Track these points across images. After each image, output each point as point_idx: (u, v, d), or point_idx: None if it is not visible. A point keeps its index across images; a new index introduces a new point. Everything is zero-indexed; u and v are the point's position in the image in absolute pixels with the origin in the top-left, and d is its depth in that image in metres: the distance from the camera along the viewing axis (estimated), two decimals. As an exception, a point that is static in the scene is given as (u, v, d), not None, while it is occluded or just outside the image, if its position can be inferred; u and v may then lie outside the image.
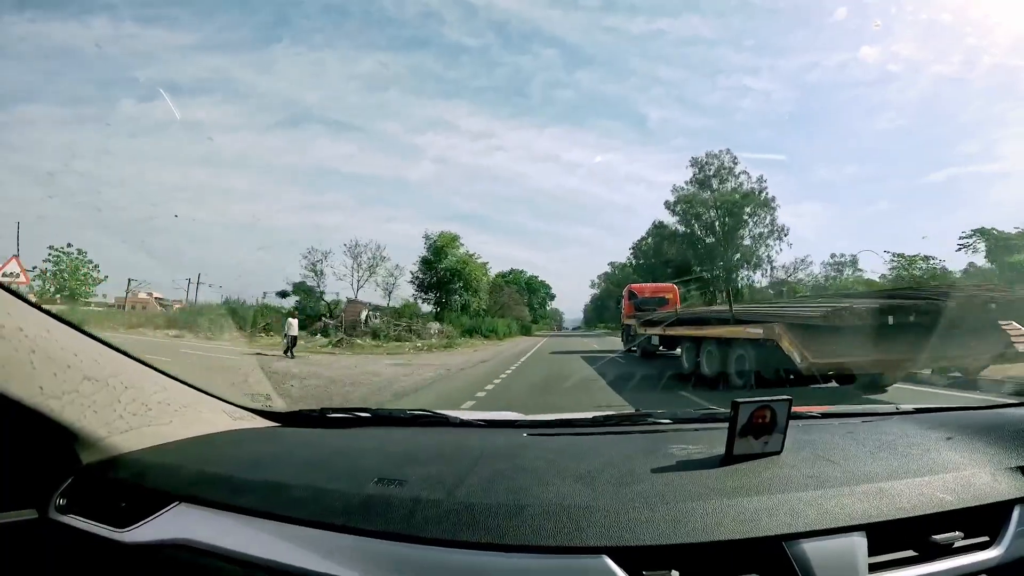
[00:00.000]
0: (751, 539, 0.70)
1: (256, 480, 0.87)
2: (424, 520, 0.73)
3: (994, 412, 1.32)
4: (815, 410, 1.36)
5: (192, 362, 10.37)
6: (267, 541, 0.76)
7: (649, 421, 1.24)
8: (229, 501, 0.83)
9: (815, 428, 1.19)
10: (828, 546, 0.71)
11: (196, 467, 0.93)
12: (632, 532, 0.70)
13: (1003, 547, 0.79)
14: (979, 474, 0.88)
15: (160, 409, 1.05)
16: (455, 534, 0.71)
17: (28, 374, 0.80)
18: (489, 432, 1.23)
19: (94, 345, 0.95)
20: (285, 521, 0.77)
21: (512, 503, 0.75)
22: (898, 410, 1.37)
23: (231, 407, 1.26)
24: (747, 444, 0.89)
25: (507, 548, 0.69)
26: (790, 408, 0.89)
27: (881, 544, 0.74)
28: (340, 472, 0.91)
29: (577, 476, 0.84)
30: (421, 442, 1.15)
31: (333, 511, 0.77)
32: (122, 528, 0.85)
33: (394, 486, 0.82)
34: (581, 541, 0.69)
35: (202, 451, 1.04)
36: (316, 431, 1.27)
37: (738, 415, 0.87)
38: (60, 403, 0.84)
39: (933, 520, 0.78)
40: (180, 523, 0.82)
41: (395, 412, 1.41)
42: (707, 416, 1.28)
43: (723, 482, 0.81)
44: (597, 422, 1.25)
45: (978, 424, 1.11)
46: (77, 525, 0.87)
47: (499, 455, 0.97)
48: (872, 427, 1.19)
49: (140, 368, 1.04)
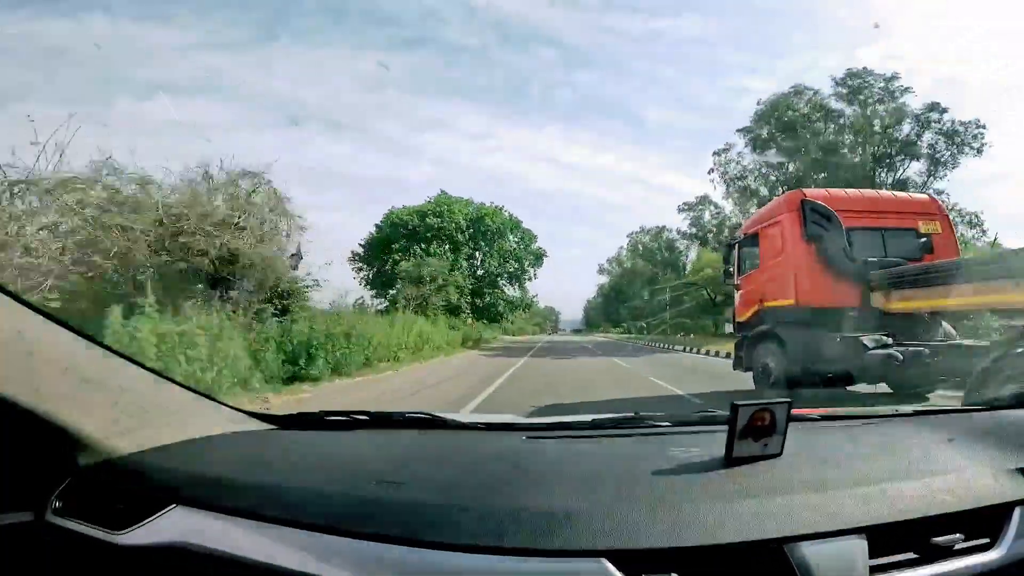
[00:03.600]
0: (751, 542, 0.70)
1: (254, 483, 0.87)
2: (423, 523, 0.72)
3: (994, 414, 1.32)
4: (815, 412, 1.36)
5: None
6: (264, 544, 0.76)
7: (648, 424, 1.23)
8: (226, 504, 0.82)
9: (815, 430, 1.19)
10: (828, 548, 0.71)
11: (193, 470, 0.93)
12: (631, 535, 0.69)
13: (1003, 549, 0.79)
14: (979, 476, 0.88)
15: (157, 412, 1.04)
16: (454, 537, 0.70)
17: (25, 376, 0.80)
18: (488, 435, 1.23)
19: (92, 348, 0.95)
20: (283, 524, 0.77)
21: (511, 506, 0.75)
22: (898, 412, 1.37)
23: (229, 410, 1.26)
24: (747, 446, 0.88)
25: (506, 551, 0.69)
26: (790, 410, 0.89)
27: (881, 546, 0.74)
28: (338, 475, 0.91)
29: (576, 479, 0.84)
30: (420, 445, 1.14)
31: (331, 514, 0.76)
32: (119, 531, 0.84)
33: (392, 489, 0.81)
34: (580, 544, 0.68)
35: (199, 454, 1.03)
36: (314, 434, 1.27)
37: (737, 417, 0.87)
38: (56, 406, 0.84)
39: (933, 522, 0.78)
40: (177, 526, 0.82)
41: (394, 415, 1.41)
42: (706, 418, 1.28)
43: (723, 485, 0.81)
44: (596, 425, 1.25)
45: (978, 426, 1.11)
46: (73, 527, 0.86)
47: (498, 458, 0.97)
48: (872, 429, 1.19)
49: (138, 371, 1.04)
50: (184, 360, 5.85)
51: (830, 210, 5.94)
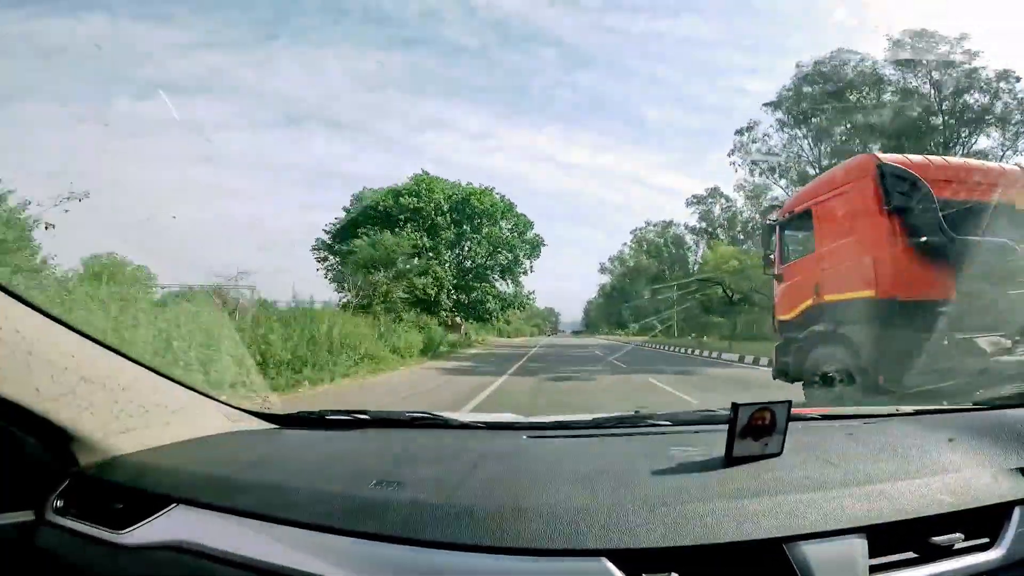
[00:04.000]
0: (751, 541, 0.70)
1: (254, 482, 0.87)
2: (423, 523, 0.72)
3: (994, 413, 1.31)
4: (815, 412, 1.36)
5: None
6: (265, 543, 0.76)
7: (648, 423, 1.23)
8: (227, 503, 0.82)
9: (815, 430, 1.19)
10: (828, 548, 0.71)
11: (194, 469, 0.93)
12: (631, 534, 0.69)
13: (1003, 548, 0.79)
14: (979, 475, 0.88)
15: (158, 411, 1.04)
16: (454, 537, 0.70)
17: (24, 375, 0.80)
18: (488, 434, 1.23)
19: (92, 347, 0.94)
20: (283, 523, 0.77)
21: (511, 506, 0.75)
22: (898, 412, 1.37)
23: (229, 409, 1.26)
24: (747, 446, 0.88)
25: (506, 551, 0.69)
26: (790, 410, 0.89)
27: (881, 546, 0.74)
28: (339, 474, 0.91)
29: (576, 478, 0.84)
30: (420, 444, 1.14)
31: (331, 513, 0.76)
32: (119, 530, 0.84)
33: (393, 488, 0.81)
34: (580, 544, 0.68)
35: (200, 453, 1.03)
36: (315, 433, 1.27)
37: (738, 417, 0.87)
38: (56, 405, 0.83)
39: (933, 521, 0.78)
40: (178, 525, 0.82)
41: (394, 414, 1.41)
42: (707, 418, 1.28)
43: (723, 484, 0.81)
44: (596, 424, 1.25)
45: (978, 425, 1.11)
46: (74, 527, 0.86)
47: (498, 457, 0.97)
48: (872, 429, 1.19)
49: (138, 370, 1.04)
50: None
51: (916, 176, 4.46)
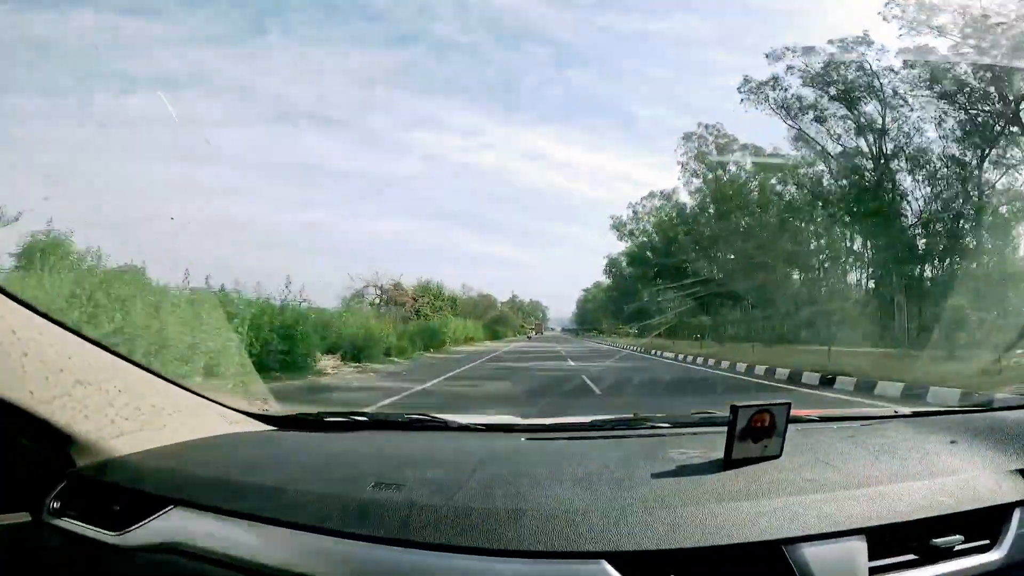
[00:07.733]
0: (750, 543, 0.70)
1: (252, 484, 0.87)
2: (422, 525, 0.72)
3: (993, 415, 1.31)
4: (814, 413, 1.36)
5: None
6: (263, 545, 0.75)
7: (648, 425, 1.23)
8: (225, 505, 0.82)
9: (814, 432, 1.19)
10: (828, 550, 0.71)
11: (191, 470, 0.92)
12: (631, 537, 0.69)
13: (1003, 550, 0.79)
14: (979, 477, 0.87)
15: (155, 412, 1.04)
16: (453, 539, 0.70)
17: (19, 377, 0.79)
18: (487, 436, 1.23)
19: (88, 347, 0.94)
20: (281, 525, 0.77)
21: (510, 508, 0.74)
22: (897, 413, 1.37)
23: (227, 410, 1.25)
24: (746, 448, 0.88)
25: (505, 553, 0.69)
26: (789, 412, 0.89)
27: (881, 547, 0.74)
28: (337, 476, 0.91)
29: (576, 480, 0.83)
30: (419, 446, 1.14)
31: (330, 515, 0.76)
32: (116, 531, 0.84)
33: (391, 490, 0.81)
34: (579, 546, 0.68)
35: (197, 454, 1.03)
36: (313, 435, 1.26)
37: (737, 419, 0.87)
38: (51, 407, 0.83)
39: (933, 523, 0.78)
40: (175, 527, 0.82)
41: (393, 416, 1.41)
42: (706, 420, 1.27)
43: (722, 486, 0.81)
44: (596, 426, 1.25)
45: (977, 427, 1.11)
46: (71, 528, 0.86)
47: (497, 459, 0.97)
48: (871, 430, 1.19)
49: (135, 371, 1.03)
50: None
51: None
